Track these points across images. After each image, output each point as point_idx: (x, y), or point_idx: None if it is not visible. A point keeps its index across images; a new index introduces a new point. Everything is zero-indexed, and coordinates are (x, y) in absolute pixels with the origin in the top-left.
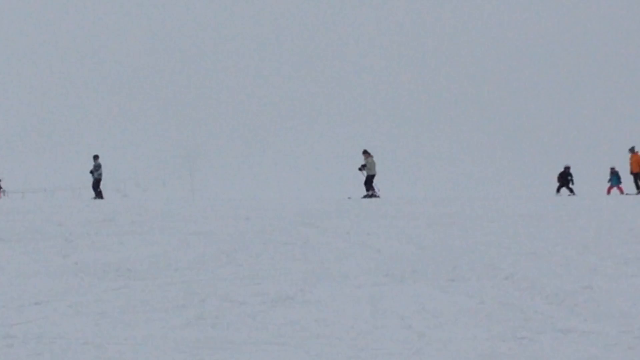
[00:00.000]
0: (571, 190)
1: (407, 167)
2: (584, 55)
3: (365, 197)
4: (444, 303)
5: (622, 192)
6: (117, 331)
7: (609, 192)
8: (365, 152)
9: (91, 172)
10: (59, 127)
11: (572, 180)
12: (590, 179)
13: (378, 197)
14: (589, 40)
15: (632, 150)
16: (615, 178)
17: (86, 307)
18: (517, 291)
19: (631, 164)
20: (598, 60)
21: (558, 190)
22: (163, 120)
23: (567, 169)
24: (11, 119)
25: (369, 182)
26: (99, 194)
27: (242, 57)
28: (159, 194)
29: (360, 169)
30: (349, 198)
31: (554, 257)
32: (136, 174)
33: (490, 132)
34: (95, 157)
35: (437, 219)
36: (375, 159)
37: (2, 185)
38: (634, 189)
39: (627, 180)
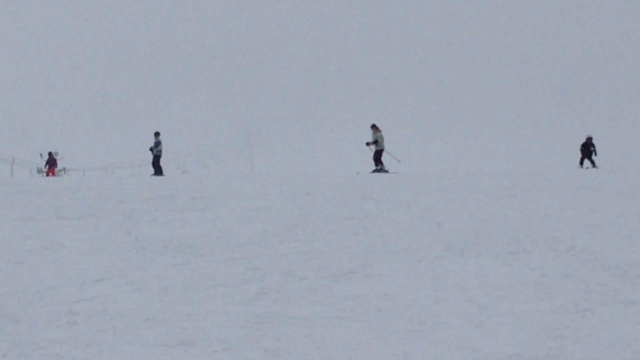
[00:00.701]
0: (592, 163)
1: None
2: (604, 20)
3: (374, 172)
4: (506, 276)
5: None
6: (179, 307)
7: None
8: (373, 127)
9: (151, 149)
10: (118, 105)
11: (594, 151)
12: (615, 151)
13: (387, 172)
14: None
15: None
16: None
17: (148, 283)
18: (579, 263)
19: None
20: (619, 25)
21: (581, 162)
22: (222, 97)
23: (589, 139)
24: (71, 98)
25: (378, 157)
26: (158, 171)
27: (297, 35)
28: (219, 170)
29: (368, 144)
30: (358, 173)
31: (615, 228)
32: (196, 150)
33: (505, 105)
34: (156, 134)
35: (496, 191)
36: (383, 133)
37: (58, 163)
38: None
39: None
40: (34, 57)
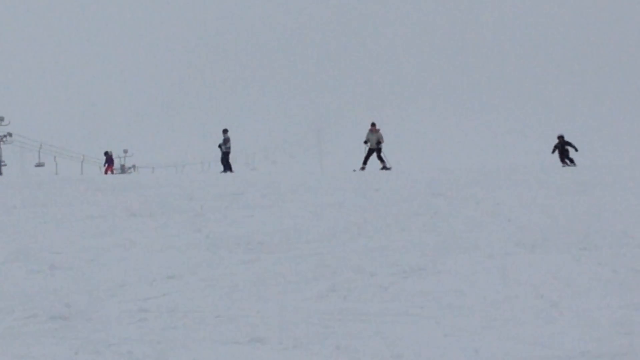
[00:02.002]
0: (571, 160)
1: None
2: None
3: (383, 169)
4: (576, 272)
5: None
6: (250, 304)
7: None
8: (373, 125)
9: (219, 145)
10: (186, 101)
11: (574, 147)
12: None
13: (389, 169)
14: None
15: None
16: None
17: (218, 280)
18: None
19: None
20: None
21: (562, 160)
22: (291, 93)
23: (560, 138)
24: (139, 94)
25: (379, 154)
26: (228, 167)
27: (367, 32)
28: (288, 167)
29: (365, 142)
30: (354, 171)
31: None
32: (265, 147)
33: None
34: (225, 131)
35: (567, 187)
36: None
37: (128, 160)
38: None
39: None
40: (103, 55)
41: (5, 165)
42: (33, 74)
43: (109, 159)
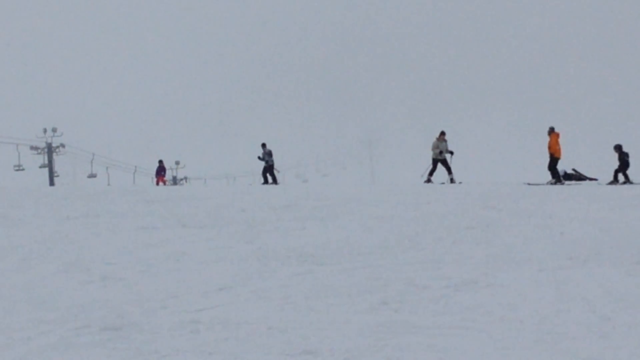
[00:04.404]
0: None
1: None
2: None
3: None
4: (630, 286)
5: None
6: (301, 316)
7: None
8: (443, 133)
9: (261, 158)
10: (238, 113)
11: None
12: None
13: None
14: None
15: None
16: None
17: (270, 292)
18: None
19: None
20: None
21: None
22: (342, 105)
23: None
24: (191, 106)
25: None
26: (273, 179)
27: (417, 45)
28: (340, 179)
29: (441, 152)
30: (444, 183)
31: None
32: (316, 159)
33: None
34: (264, 145)
35: (620, 200)
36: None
37: (180, 172)
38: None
39: None
40: (156, 68)
41: (58, 176)
42: (86, 85)
43: (161, 169)
